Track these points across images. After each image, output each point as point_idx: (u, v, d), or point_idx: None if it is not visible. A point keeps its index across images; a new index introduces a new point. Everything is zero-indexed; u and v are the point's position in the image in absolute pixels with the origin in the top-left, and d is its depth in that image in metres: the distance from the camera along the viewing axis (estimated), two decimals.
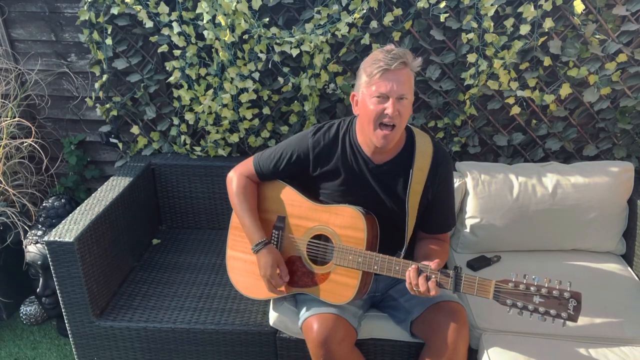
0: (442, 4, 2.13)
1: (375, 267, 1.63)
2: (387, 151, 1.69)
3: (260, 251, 1.76)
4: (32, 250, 2.31)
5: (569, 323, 1.38)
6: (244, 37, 2.27)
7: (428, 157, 1.71)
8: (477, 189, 2.17)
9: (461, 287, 1.49)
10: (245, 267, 1.91)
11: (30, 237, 2.35)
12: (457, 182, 2.17)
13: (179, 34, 2.28)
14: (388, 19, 2.19)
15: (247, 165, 1.89)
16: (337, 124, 1.79)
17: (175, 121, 2.50)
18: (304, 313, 1.74)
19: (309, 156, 1.77)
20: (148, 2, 2.25)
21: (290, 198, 1.83)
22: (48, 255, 1.89)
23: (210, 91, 2.37)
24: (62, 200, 2.48)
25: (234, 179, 1.88)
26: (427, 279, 1.52)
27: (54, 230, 1.92)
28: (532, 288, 1.41)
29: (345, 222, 1.70)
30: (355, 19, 2.17)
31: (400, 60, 1.54)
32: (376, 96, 1.56)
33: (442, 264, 1.56)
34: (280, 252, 1.81)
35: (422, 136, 1.74)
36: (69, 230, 1.91)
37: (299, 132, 1.86)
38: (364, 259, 1.64)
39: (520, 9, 2.14)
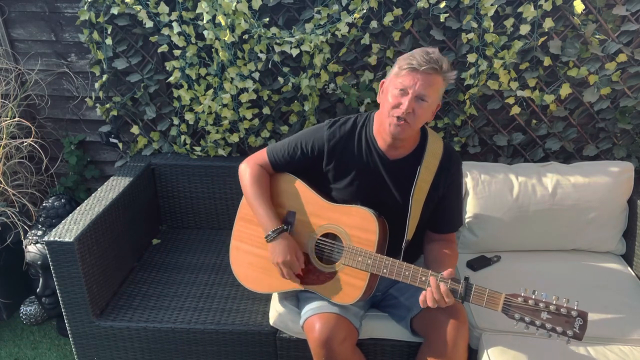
0: (442, 4, 2.13)
1: (385, 271, 1.62)
2: (401, 147, 1.71)
3: (275, 239, 1.72)
4: (32, 250, 2.31)
5: (573, 341, 1.39)
6: (244, 37, 2.27)
7: (437, 158, 1.73)
8: (477, 189, 2.17)
9: (470, 297, 1.50)
10: (248, 258, 1.90)
11: (30, 237, 2.35)
12: None
13: (179, 34, 2.28)
14: (388, 19, 2.19)
15: (260, 155, 1.88)
16: (354, 118, 1.80)
17: (175, 121, 2.50)
18: (305, 312, 1.74)
19: (323, 148, 1.76)
20: (148, 2, 2.25)
21: (302, 194, 1.81)
22: (48, 255, 1.89)
23: (210, 91, 2.37)
24: (62, 200, 2.48)
25: (248, 168, 1.86)
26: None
27: (54, 230, 1.92)
28: (540, 304, 1.42)
29: (357, 222, 1.70)
30: (355, 19, 2.17)
31: (431, 65, 1.55)
32: (399, 88, 1.59)
33: (453, 271, 1.56)
34: None
35: (435, 137, 1.77)
36: (69, 230, 1.91)
37: (311, 127, 1.85)
38: (374, 261, 1.64)
39: (520, 9, 2.14)
